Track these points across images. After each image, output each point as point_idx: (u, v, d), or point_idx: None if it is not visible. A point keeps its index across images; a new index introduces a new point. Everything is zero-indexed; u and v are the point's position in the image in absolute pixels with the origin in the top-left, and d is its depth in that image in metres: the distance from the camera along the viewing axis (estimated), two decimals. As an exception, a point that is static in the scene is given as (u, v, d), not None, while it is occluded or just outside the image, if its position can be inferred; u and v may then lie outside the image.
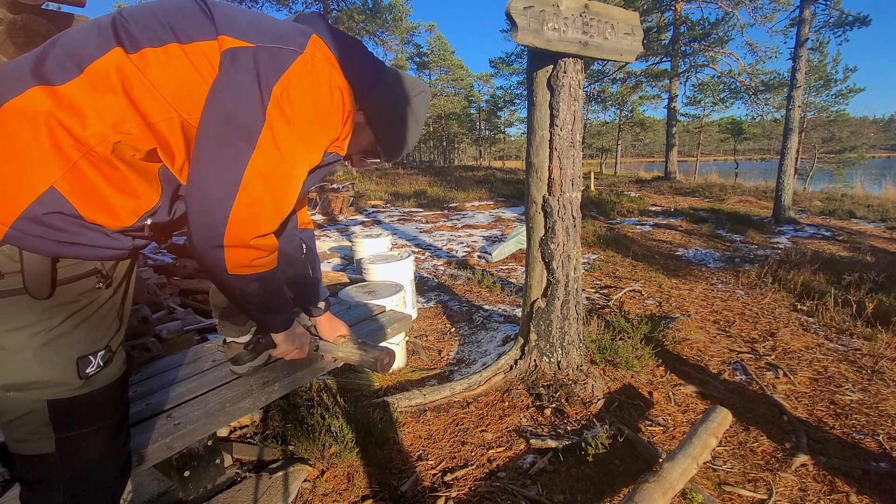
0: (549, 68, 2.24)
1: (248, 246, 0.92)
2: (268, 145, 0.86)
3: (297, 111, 0.89)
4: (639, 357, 2.69)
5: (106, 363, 0.89)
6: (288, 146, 0.89)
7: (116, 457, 0.95)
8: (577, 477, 1.82)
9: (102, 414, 0.91)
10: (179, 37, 0.83)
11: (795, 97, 8.24)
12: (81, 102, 0.76)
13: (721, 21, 16.00)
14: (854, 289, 3.88)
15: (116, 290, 0.94)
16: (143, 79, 0.80)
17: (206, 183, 0.86)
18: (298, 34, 0.93)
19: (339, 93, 0.95)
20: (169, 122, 0.84)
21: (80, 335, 0.85)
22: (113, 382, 0.92)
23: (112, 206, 0.84)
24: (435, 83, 32.73)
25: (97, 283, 0.87)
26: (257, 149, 0.85)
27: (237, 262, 0.92)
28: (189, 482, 1.44)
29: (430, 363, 2.92)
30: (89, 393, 0.87)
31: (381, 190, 13.48)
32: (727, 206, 10.03)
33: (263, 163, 0.87)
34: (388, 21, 20.38)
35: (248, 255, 0.93)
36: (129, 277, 0.98)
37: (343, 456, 1.82)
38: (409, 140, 1.15)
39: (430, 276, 4.96)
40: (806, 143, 18.34)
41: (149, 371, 1.49)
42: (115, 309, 0.93)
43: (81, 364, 0.85)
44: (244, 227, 0.89)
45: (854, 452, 1.96)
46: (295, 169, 0.94)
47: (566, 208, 2.36)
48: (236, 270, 0.93)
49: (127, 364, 0.98)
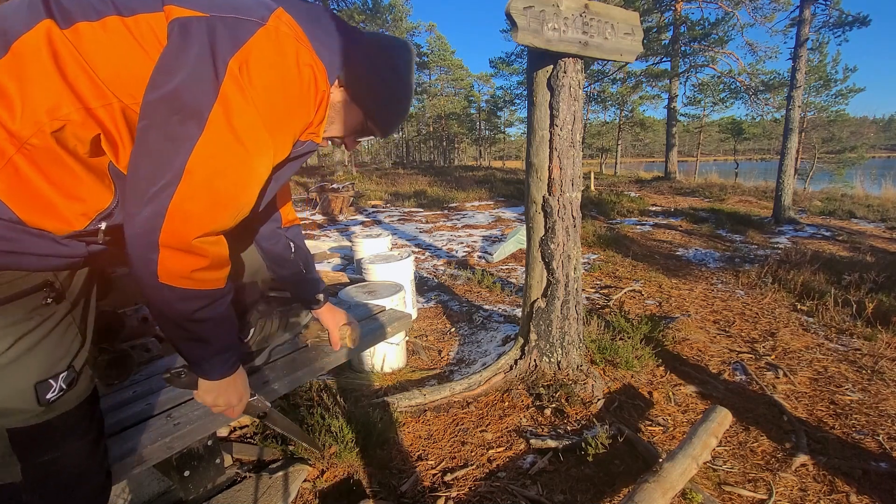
0: (549, 68, 2.24)
1: (188, 250, 0.77)
2: (220, 126, 0.73)
3: (260, 90, 0.76)
4: (639, 357, 2.69)
5: (70, 385, 0.80)
6: (246, 130, 0.76)
7: (92, 477, 0.87)
8: (577, 477, 1.82)
9: (71, 438, 0.83)
10: (120, 9, 0.72)
11: (795, 97, 8.24)
12: (7, 86, 0.66)
13: (721, 21, 16.01)
14: (854, 289, 3.88)
15: (76, 304, 0.83)
16: (78, 57, 0.69)
17: (145, 170, 0.73)
18: (261, 6, 0.81)
19: (310, 70, 0.83)
20: (108, 109, 0.73)
21: (37, 358, 0.76)
22: (80, 404, 0.83)
23: (57, 207, 0.73)
24: (435, 83, 32.74)
25: (46, 298, 0.77)
26: (207, 130, 0.72)
27: (172, 268, 0.77)
28: (189, 482, 1.44)
29: (430, 363, 2.92)
30: (54, 419, 0.79)
31: (381, 190, 13.48)
32: (727, 206, 10.03)
33: (213, 146, 0.74)
34: (388, 21, 20.40)
35: (187, 262, 0.78)
36: (90, 287, 0.88)
37: (343, 456, 1.82)
38: (402, 108, 1.02)
39: (430, 276, 4.96)
40: (806, 143, 18.34)
41: (149, 371, 1.49)
42: (75, 325, 0.83)
43: (41, 390, 0.76)
44: (185, 223, 0.75)
45: (854, 452, 1.96)
46: (255, 158, 0.79)
47: (566, 208, 2.36)
48: (170, 280, 0.78)
49: (95, 381, 0.90)
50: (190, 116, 0.72)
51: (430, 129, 35.59)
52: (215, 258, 0.82)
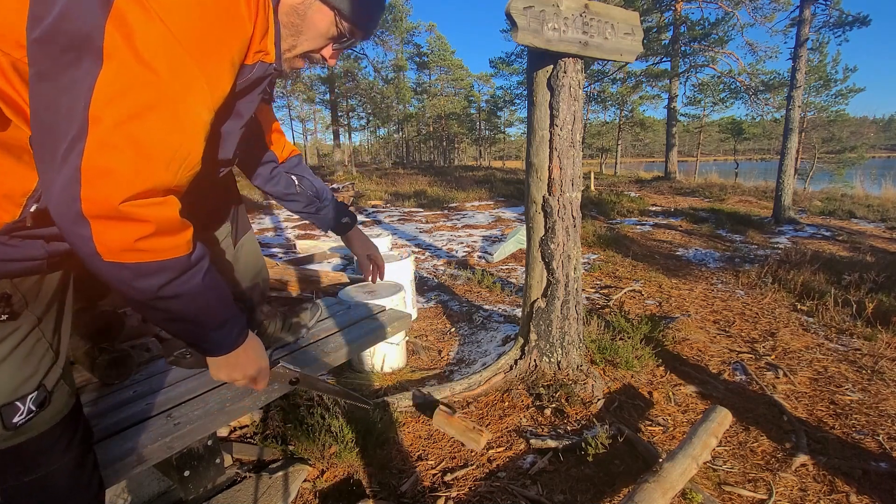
0: (549, 68, 2.24)
1: (119, 216, 0.60)
2: (119, 52, 0.56)
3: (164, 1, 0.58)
4: (639, 357, 2.69)
5: (41, 405, 0.73)
6: (156, 52, 0.58)
7: (82, 492, 0.83)
8: (577, 477, 1.82)
9: (52, 458, 0.77)
10: None
11: (795, 97, 8.24)
12: None
13: (721, 21, 16.01)
14: (854, 289, 3.88)
15: (43, 317, 0.75)
16: None
17: (48, 128, 0.58)
18: None
19: None
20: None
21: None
22: (58, 423, 0.77)
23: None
24: (435, 83, 32.75)
25: (1, 314, 0.69)
26: (105, 61, 0.56)
27: (111, 242, 0.61)
28: (189, 482, 1.44)
29: (430, 363, 2.92)
30: (25, 441, 0.73)
31: (380, 190, 13.49)
32: (727, 206, 10.03)
33: (117, 80, 0.56)
34: (388, 21, 20.41)
35: (125, 231, 0.61)
36: (62, 295, 0.80)
37: (343, 456, 1.82)
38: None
39: (430, 276, 4.96)
40: (806, 143, 18.35)
41: (149, 371, 1.49)
42: (45, 339, 0.75)
43: (6, 413, 0.70)
44: (106, 184, 0.58)
45: (854, 452, 1.96)
46: (177, 89, 0.60)
47: (566, 208, 2.36)
48: (114, 256, 0.62)
49: (75, 396, 0.83)
50: (80, 49, 0.56)
51: (430, 129, 35.57)
52: (162, 222, 0.63)
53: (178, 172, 0.64)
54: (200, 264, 0.73)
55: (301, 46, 0.84)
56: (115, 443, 1.09)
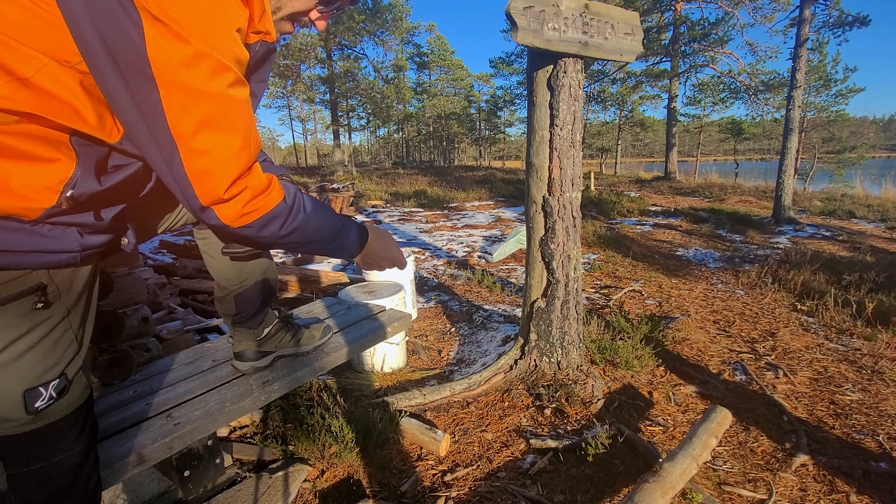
0: (549, 68, 2.24)
1: (227, 199, 0.76)
2: (167, 77, 0.64)
3: (170, 6, 0.63)
4: (639, 357, 2.69)
5: (60, 393, 0.78)
6: (194, 68, 0.65)
7: (81, 487, 0.85)
8: (577, 477, 1.82)
9: (62, 446, 0.80)
10: None
11: (795, 97, 8.24)
12: None
13: (721, 21, 16.01)
14: (854, 289, 3.88)
15: (74, 308, 0.80)
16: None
17: (147, 145, 0.70)
18: None
19: None
20: (45, 73, 0.63)
21: (25, 366, 0.73)
22: (73, 412, 0.81)
23: (8, 182, 0.65)
24: (435, 83, 32.76)
25: (36, 303, 0.73)
26: (160, 86, 0.64)
27: (231, 216, 0.78)
28: (189, 482, 1.44)
29: (430, 363, 2.92)
30: (42, 427, 0.77)
31: (381, 190, 13.49)
32: (727, 206, 10.04)
33: (176, 102, 0.66)
34: (388, 21, 20.41)
35: (236, 205, 0.77)
36: (91, 289, 0.84)
37: (343, 456, 1.82)
38: None
39: (430, 276, 4.96)
40: (806, 143, 18.34)
41: (149, 371, 1.49)
42: (71, 330, 0.79)
43: (29, 398, 0.74)
44: (206, 182, 0.73)
45: (854, 452, 1.96)
46: (221, 86, 0.69)
47: (566, 208, 2.36)
48: (238, 222, 0.79)
49: (90, 388, 0.88)
50: (134, 75, 0.63)
51: (430, 129, 35.60)
52: (255, 188, 0.79)
53: (251, 149, 0.78)
54: (297, 199, 0.88)
55: (287, 7, 0.86)
56: (115, 443, 1.09)
